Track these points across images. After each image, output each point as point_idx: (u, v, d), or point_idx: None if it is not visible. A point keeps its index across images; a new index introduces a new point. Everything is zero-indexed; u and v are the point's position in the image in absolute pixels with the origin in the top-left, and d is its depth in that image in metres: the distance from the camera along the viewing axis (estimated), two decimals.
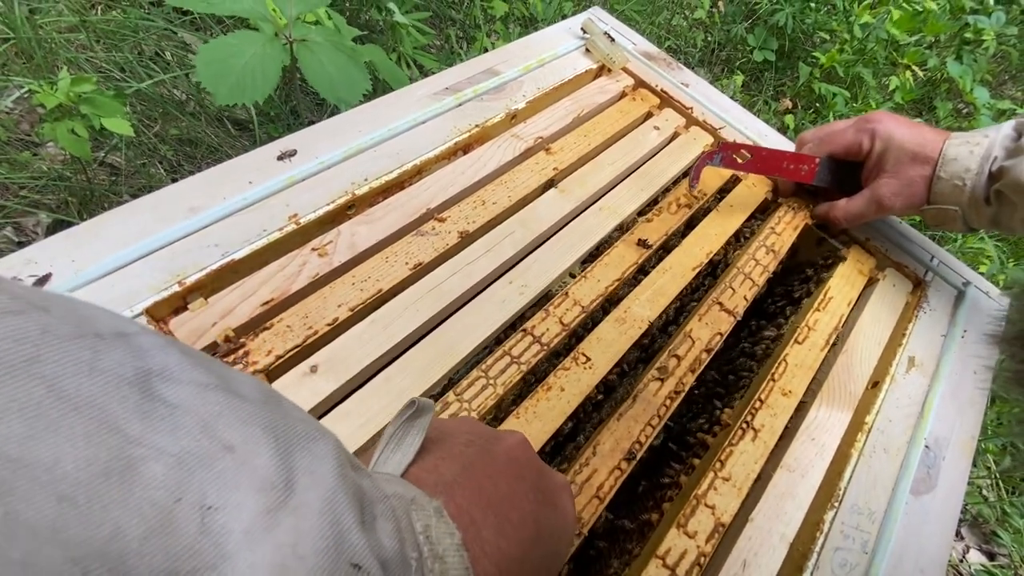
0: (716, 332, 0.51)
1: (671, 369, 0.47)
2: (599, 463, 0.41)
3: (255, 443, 0.16)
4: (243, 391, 0.17)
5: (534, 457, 0.30)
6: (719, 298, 0.53)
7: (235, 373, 0.18)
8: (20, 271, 0.40)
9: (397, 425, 0.26)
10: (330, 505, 0.16)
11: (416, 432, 0.26)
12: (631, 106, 0.68)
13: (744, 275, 0.56)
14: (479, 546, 0.22)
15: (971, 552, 1.13)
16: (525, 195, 0.55)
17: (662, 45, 1.72)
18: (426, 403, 0.26)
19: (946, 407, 0.51)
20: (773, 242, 0.59)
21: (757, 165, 0.60)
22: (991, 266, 1.39)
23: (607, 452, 0.42)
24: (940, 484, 0.47)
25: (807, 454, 0.45)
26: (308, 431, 0.18)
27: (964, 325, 0.57)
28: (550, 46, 0.69)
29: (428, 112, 0.58)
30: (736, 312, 0.53)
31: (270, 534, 0.14)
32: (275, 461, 0.16)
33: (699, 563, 0.39)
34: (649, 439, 0.43)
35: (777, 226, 0.61)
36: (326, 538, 0.15)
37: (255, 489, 0.15)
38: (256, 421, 0.16)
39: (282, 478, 0.15)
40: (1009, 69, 2.04)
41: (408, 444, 0.25)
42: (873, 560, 0.42)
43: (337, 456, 0.18)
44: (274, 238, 0.46)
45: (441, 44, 1.45)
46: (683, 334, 0.50)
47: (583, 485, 0.40)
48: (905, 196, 0.55)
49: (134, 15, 1.12)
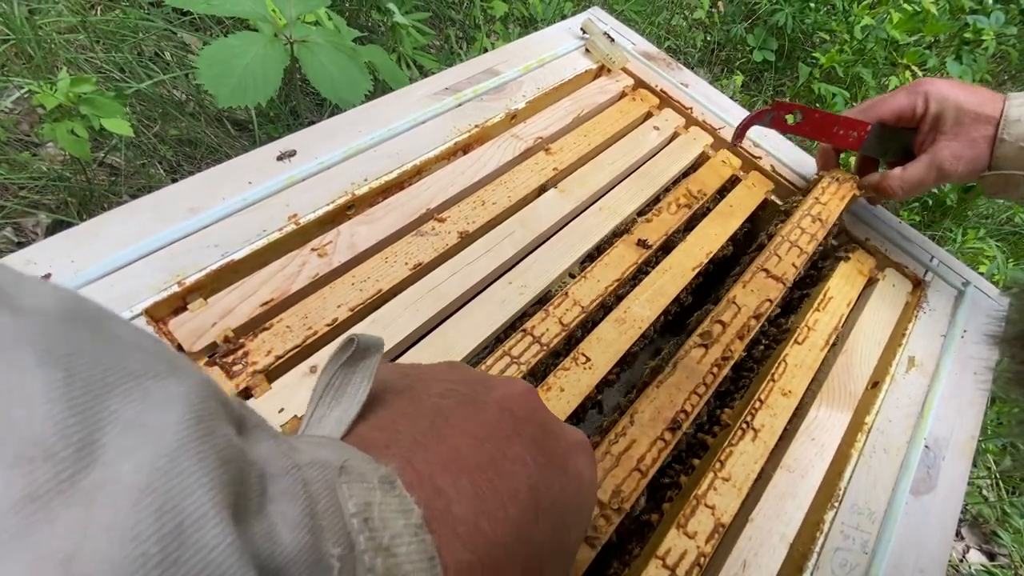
0: (765, 299, 0.48)
1: (716, 335, 0.44)
2: (638, 433, 0.38)
3: (21, 379, 0.09)
4: (24, 301, 0.11)
5: (538, 409, 0.23)
6: (764, 265, 0.51)
7: (27, 279, 0.12)
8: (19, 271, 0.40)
9: (333, 371, 0.19)
10: (164, 482, 0.10)
11: (360, 379, 0.19)
12: (631, 106, 0.68)
13: (790, 243, 0.53)
14: (448, 526, 0.16)
15: (971, 552, 1.13)
16: (525, 195, 0.55)
17: (662, 45, 1.72)
18: (371, 340, 0.20)
19: (946, 407, 0.51)
20: (819, 211, 0.57)
21: (806, 128, 0.58)
22: (991, 266, 1.39)
23: (647, 422, 0.38)
24: (940, 484, 0.47)
25: (807, 454, 0.45)
26: (149, 367, 0.11)
27: (964, 325, 0.57)
28: (550, 46, 0.69)
29: (428, 112, 0.58)
30: (785, 279, 0.50)
31: (26, 541, 0.08)
32: (59, 410, 0.09)
33: (699, 563, 0.39)
34: (696, 409, 0.41)
35: (822, 196, 0.59)
36: (144, 541, 0.09)
37: (7, 462, 0.09)
38: (30, 343, 0.10)
39: (71, 440, 0.09)
40: (1009, 69, 2.04)
41: (351, 395, 0.19)
42: (873, 560, 0.42)
43: (193, 403, 0.11)
44: (274, 238, 0.46)
45: (441, 44, 1.45)
46: (727, 301, 0.48)
47: (621, 456, 0.37)
48: (967, 159, 0.51)
49: (134, 15, 1.12)
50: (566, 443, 0.24)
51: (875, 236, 0.62)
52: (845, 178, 0.61)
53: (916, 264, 0.61)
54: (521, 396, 0.23)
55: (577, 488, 0.23)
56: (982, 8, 1.85)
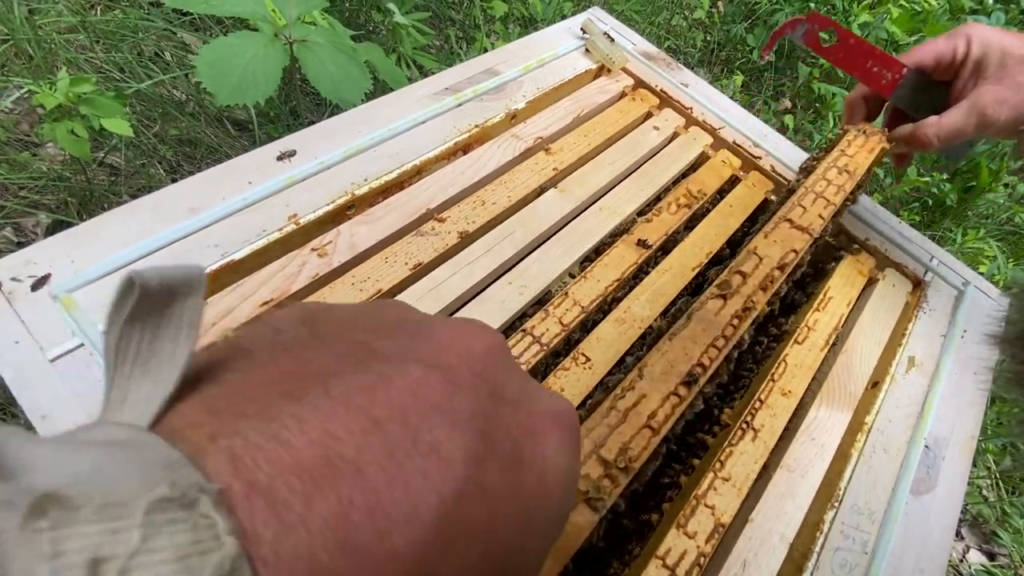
0: (789, 249, 0.44)
1: (735, 286, 0.41)
2: (649, 387, 0.34)
3: None
4: None
5: (496, 368, 0.16)
6: (788, 215, 0.47)
7: None
8: (20, 271, 0.40)
9: (119, 328, 0.13)
10: None
11: (175, 335, 0.13)
12: (631, 106, 0.68)
13: (815, 194, 0.50)
14: (290, 561, 0.10)
15: (971, 552, 1.13)
16: (525, 195, 0.55)
17: (662, 45, 1.72)
18: (172, 276, 0.13)
19: (946, 407, 0.51)
20: (846, 163, 0.53)
21: (839, 54, 0.54)
22: (991, 266, 1.39)
23: (658, 376, 0.35)
24: (940, 484, 0.47)
25: (807, 454, 0.45)
26: None
27: (964, 325, 0.57)
28: (550, 46, 0.69)
29: (428, 112, 0.58)
30: (811, 229, 0.46)
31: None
32: None
33: (699, 563, 0.39)
34: (714, 363, 0.37)
35: (848, 149, 0.55)
36: None
37: None
38: None
39: None
40: None
41: (163, 360, 0.13)
42: (873, 560, 0.42)
43: None
44: (274, 238, 0.46)
45: (441, 44, 1.45)
46: (747, 251, 0.44)
47: (628, 412, 0.33)
48: (1012, 105, 0.47)
49: (134, 15, 1.11)
50: (529, 415, 0.16)
51: (875, 236, 0.62)
52: (873, 131, 0.56)
53: (916, 264, 0.61)
54: (471, 349, 0.16)
55: (536, 483, 0.16)
56: (982, 8, 1.85)
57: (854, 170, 0.53)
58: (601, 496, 0.29)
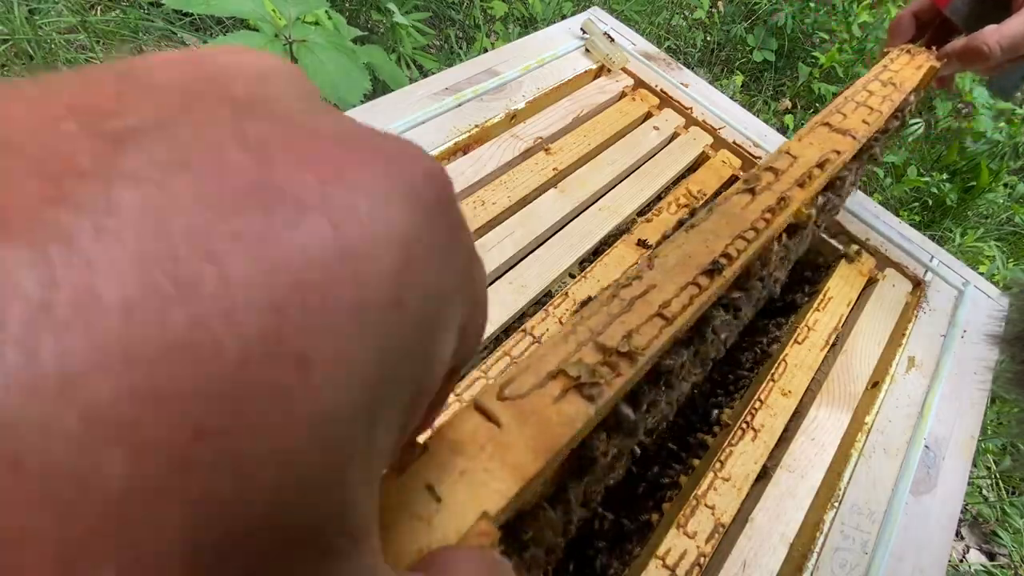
0: (831, 149, 0.38)
1: (766, 182, 0.35)
2: (661, 278, 0.28)
3: None
4: None
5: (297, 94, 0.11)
6: (826, 120, 0.42)
7: None
8: None
9: None
10: None
11: None
12: (631, 106, 0.68)
13: (856, 103, 0.44)
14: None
15: (971, 552, 1.13)
16: (525, 195, 0.55)
17: (662, 45, 1.72)
18: None
19: (946, 407, 0.51)
20: (890, 77, 0.48)
21: None
22: (991, 266, 1.39)
23: (672, 266, 0.29)
24: (940, 484, 0.47)
25: (807, 454, 0.45)
26: None
27: (964, 325, 0.57)
28: (550, 46, 0.69)
29: (428, 112, 0.58)
30: (854, 133, 0.41)
31: None
32: None
33: (699, 563, 0.39)
34: (741, 256, 0.30)
35: (892, 65, 0.51)
36: None
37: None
38: None
39: None
40: None
41: None
42: (873, 560, 0.42)
43: None
44: None
45: (441, 44, 1.45)
46: (779, 152, 0.38)
47: (635, 301, 0.27)
48: None
49: (134, 16, 1.12)
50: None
51: (875, 236, 0.62)
52: (918, 51, 0.51)
53: (916, 264, 0.61)
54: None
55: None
56: None
57: (900, 83, 0.47)
58: (597, 381, 0.22)
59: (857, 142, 0.39)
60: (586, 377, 0.23)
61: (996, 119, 1.68)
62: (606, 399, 0.22)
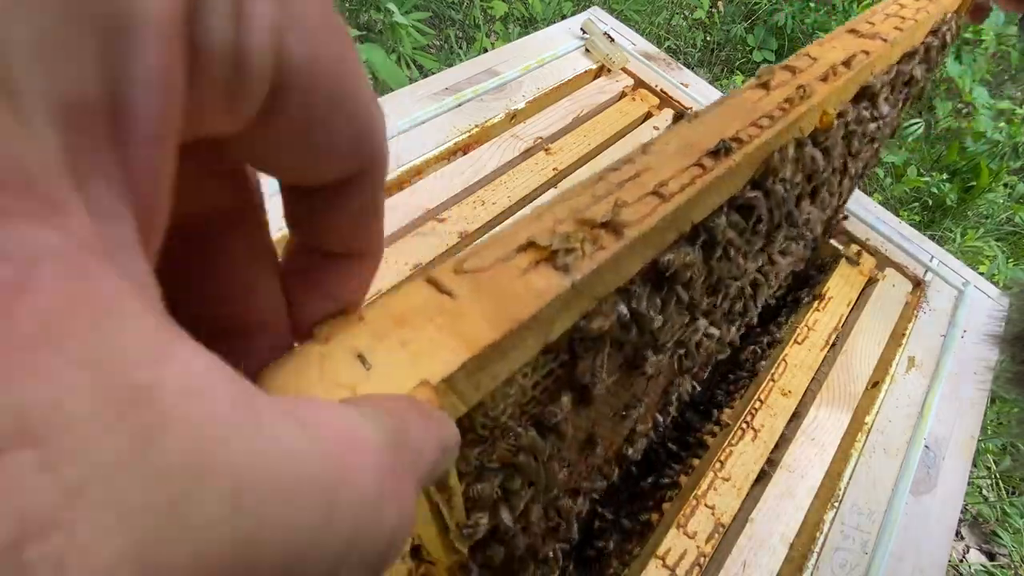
0: (859, 50, 0.34)
1: (782, 79, 0.31)
2: (659, 162, 0.24)
3: None
4: None
5: None
6: (853, 27, 0.38)
7: None
8: None
9: None
10: None
11: None
12: (631, 106, 0.68)
13: (886, 15, 0.39)
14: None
15: (971, 552, 1.13)
16: (525, 195, 0.55)
17: (662, 45, 1.72)
18: None
19: (946, 407, 0.51)
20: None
21: None
22: (991, 266, 1.39)
23: (673, 152, 0.24)
24: (940, 484, 0.47)
25: (807, 454, 0.45)
26: None
27: (964, 325, 0.57)
28: (550, 46, 0.69)
29: (428, 112, 0.58)
30: (884, 36, 0.37)
31: None
32: None
33: (699, 563, 0.39)
34: (754, 140, 0.26)
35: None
36: None
37: None
38: None
39: None
40: (1008, 69, 2.04)
41: None
42: (873, 560, 0.42)
43: None
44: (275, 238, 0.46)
45: (441, 44, 1.45)
46: (797, 54, 0.34)
47: (627, 183, 0.23)
48: None
49: None
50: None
51: (875, 236, 0.62)
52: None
53: (916, 264, 0.61)
54: None
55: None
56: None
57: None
58: (572, 247, 0.19)
59: (888, 45, 0.35)
60: (560, 245, 0.19)
61: (996, 119, 1.68)
62: (585, 273, 0.18)
